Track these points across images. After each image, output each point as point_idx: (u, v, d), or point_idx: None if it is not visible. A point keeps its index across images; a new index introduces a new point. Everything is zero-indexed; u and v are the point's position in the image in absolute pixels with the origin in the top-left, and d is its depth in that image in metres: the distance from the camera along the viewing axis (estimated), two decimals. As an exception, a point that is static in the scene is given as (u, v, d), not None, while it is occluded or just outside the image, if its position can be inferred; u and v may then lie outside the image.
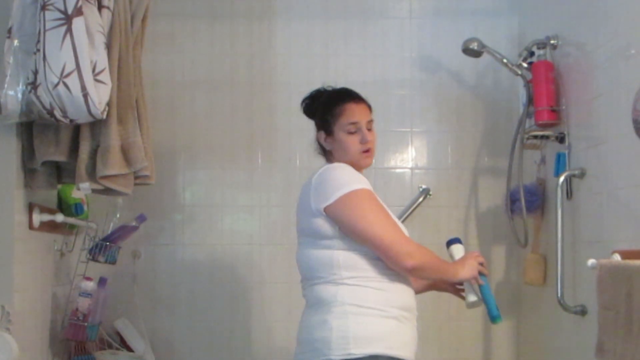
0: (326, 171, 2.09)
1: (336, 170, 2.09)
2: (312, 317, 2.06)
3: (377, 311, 2.00)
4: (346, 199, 2.01)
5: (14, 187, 2.25)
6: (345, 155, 2.14)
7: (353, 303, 2.00)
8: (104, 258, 2.65)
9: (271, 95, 3.15)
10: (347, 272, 2.02)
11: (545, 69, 2.68)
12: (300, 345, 2.09)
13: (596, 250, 2.30)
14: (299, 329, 2.12)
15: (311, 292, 2.09)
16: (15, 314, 2.17)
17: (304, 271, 2.13)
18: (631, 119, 2.09)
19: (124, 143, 2.31)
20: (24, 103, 2.11)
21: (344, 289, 2.02)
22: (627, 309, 1.90)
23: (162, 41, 3.11)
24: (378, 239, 1.99)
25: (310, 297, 2.09)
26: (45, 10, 2.03)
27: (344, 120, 2.13)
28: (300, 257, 2.15)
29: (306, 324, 2.08)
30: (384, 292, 2.03)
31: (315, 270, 2.07)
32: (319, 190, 2.05)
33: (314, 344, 2.01)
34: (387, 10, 3.21)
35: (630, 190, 2.17)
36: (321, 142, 2.19)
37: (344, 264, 2.03)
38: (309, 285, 2.10)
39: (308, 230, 2.09)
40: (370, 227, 2.00)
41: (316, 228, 2.05)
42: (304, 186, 2.13)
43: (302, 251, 2.14)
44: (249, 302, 3.10)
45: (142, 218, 2.71)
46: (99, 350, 2.75)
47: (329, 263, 2.04)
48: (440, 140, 3.18)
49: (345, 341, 1.96)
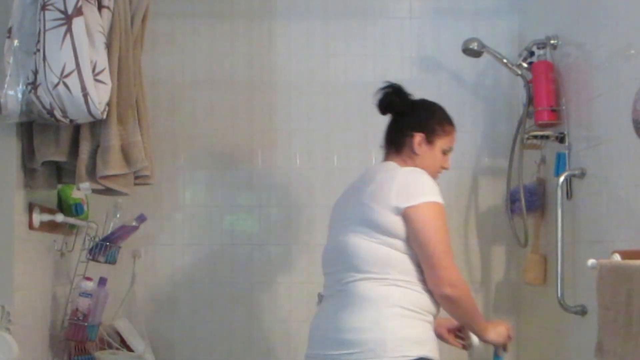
0: (415, 173, 2.12)
1: (424, 176, 2.12)
2: (357, 316, 2.00)
3: (420, 315, 2.03)
4: (429, 207, 2.05)
5: (14, 187, 2.25)
6: (427, 166, 2.19)
7: (403, 306, 2.00)
8: (104, 258, 2.65)
9: (271, 95, 3.15)
10: (399, 274, 2.03)
11: (545, 69, 2.68)
12: (344, 345, 1.99)
13: (596, 250, 2.30)
14: (335, 328, 2.03)
15: (355, 288, 2.03)
16: (15, 314, 2.17)
17: (351, 260, 2.07)
18: (631, 119, 2.09)
19: (124, 143, 2.31)
20: (24, 103, 2.11)
21: (395, 291, 2.02)
22: (627, 309, 1.90)
23: (162, 41, 3.12)
24: (437, 256, 2.02)
25: (353, 294, 2.04)
26: (45, 10, 2.03)
27: (448, 141, 2.26)
28: (348, 245, 2.08)
29: (351, 324, 2.00)
30: (424, 297, 2.06)
31: (366, 263, 2.04)
32: (406, 189, 2.06)
33: (366, 345, 1.96)
34: (387, 10, 3.21)
35: (630, 190, 2.17)
36: (415, 143, 2.21)
37: (398, 265, 2.04)
38: (351, 278, 2.05)
39: (372, 222, 2.05)
40: (438, 243, 2.03)
41: (387, 223, 2.04)
42: (382, 178, 2.12)
43: (352, 240, 2.08)
44: (249, 302, 3.10)
45: (142, 218, 2.71)
46: (99, 350, 2.75)
47: (384, 261, 2.04)
48: (440, 140, 3.17)
49: (400, 343, 1.96)
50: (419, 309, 2.03)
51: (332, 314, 2.07)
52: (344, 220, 2.15)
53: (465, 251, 3.13)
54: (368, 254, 2.05)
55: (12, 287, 2.20)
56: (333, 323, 2.04)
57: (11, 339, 2.08)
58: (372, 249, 2.05)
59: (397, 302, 2.00)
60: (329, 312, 2.09)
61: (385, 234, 2.04)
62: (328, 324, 2.06)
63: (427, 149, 2.22)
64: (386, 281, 2.02)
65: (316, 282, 3.09)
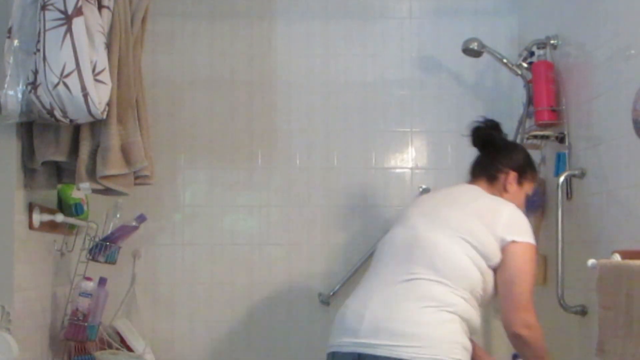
0: (520, 212, 2.22)
1: (525, 218, 2.21)
2: (422, 312, 2.00)
3: (468, 330, 2.08)
4: (528, 248, 2.14)
5: (14, 187, 2.25)
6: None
7: (463, 317, 2.04)
8: (104, 258, 2.65)
9: (271, 95, 3.15)
10: (469, 291, 2.08)
11: (545, 69, 2.68)
12: (403, 337, 1.96)
13: (596, 250, 2.30)
14: (394, 318, 2.00)
15: (426, 287, 2.04)
16: (15, 314, 2.17)
17: (434, 260, 2.08)
18: (631, 119, 2.09)
19: (124, 143, 2.31)
20: (24, 103, 2.11)
21: (461, 302, 2.05)
22: (627, 309, 1.90)
23: (162, 41, 3.12)
24: (523, 298, 2.11)
25: (422, 291, 2.04)
26: (45, 10, 2.03)
27: (532, 187, 2.39)
28: (438, 245, 2.11)
29: (414, 317, 2.00)
30: (476, 318, 2.12)
31: (449, 270, 2.07)
32: (513, 223, 2.16)
33: (425, 341, 1.96)
34: (387, 10, 3.21)
35: (630, 190, 2.17)
36: (509, 180, 2.32)
37: (473, 283, 2.09)
38: (425, 276, 2.06)
39: (475, 238, 2.11)
40: (528, 285, 2.12)
41: (486, 244, 2.11)
42: (488, 203, 2.21)
43: (448, 244, 2.11)
44: (249, 302, 3.10)
45: (142, 218, 2.71)
46: (99, 350, 2.75)
47: (465, 275, 2.08)
48: (440, 140, 3.17)
49: (455, 346, 1.99)
50: (469, 325, 2.08)
51: (393, 303, 2.04)
52: (439, 222, 2.17)
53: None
54: (456, 263, 2.09)
55: (12, 287, 2.20)
56: (392, 313, 2.02)
57: (11, 339, 2.08)
58: (461, 260, 2.09)
59: (459, 312, 2.04)
60: (388, 301, 2.05)
61: (479, 253, 2.10)
62: (385, 313, 2.03)
63: (517, 188, 2.33)
64: (457, 292, 2.06)
65: (316, 282, 3.11)
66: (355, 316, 2.07)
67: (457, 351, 1.98)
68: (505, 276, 2.12)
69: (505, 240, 2.12)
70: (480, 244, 2.11)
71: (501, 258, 2.13)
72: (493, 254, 2.11)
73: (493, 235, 2.12)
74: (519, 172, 2.34)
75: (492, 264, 2.12)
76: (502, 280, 2.13)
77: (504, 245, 2.12)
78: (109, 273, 2.71)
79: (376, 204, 3.13)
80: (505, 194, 2.32)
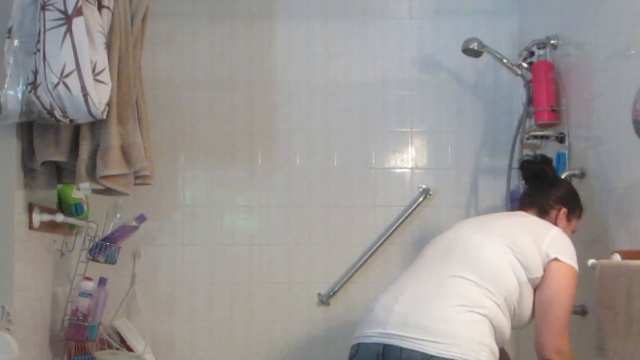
0: (567, 237, 2.20)
1: (572, 246, 2.18)
2: (454, 310, 1.98)
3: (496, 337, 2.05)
4: (573, 272, 2.12)
5: (14, 187, 2.25)
6: None
7: (493, 323, 2.02)
8: (104, 258, 2.65)
9: (271, 95, 3.15)
10: (504, 300, 2.05)
11: (545, 69, 2.68)
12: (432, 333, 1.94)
13: (596, 250, 2.31)
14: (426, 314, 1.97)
15: (465, 287, 2.03)
16: (15, 314, 2.17)
17: (478, 263, 2.07)
18: (631, 119, 2.09)
19: (124, 143, 2.30)
20: (24, 103, 2.11)
21: (496, 308, 2.03)
22: (627, 309, 1.90)
23: (162, 41, 3.11)
24: (560, 322, 2.09)
25: (459, 291, 2.02)
26: (45, 10, 2.03)
27: (578, 224, 2.37)
28: (484, 249, 2.10)
29: (446, 315, 1.97)
30: (507, 329, 2.09)
31: (489, 276, 2.05)
32: (560, 242, 2.15)
33: (454, 339, 1.94)
34: (387, 10, 3.21)
35: (630, 190, 2.17)
36: (560, 215, 2.31)
37: (510, 293, 2.07)
38: (465, 277, 2.04)
39: (518, 248, 2.10)
40: (567, 310, 2.10)
41: (529, 255, 2.10)
42: (538, 222, 2.23)
43: (493, 250, 2.10)
44: (249, 302, 3.10)
45: (142, 218, 2.71)
46: (99, 350, 2.75)
47: (504, 283, 2.06)
48: (440, 140, 3.17)
49: (483, 347, 1.97)
50: (498, 333, 2.05)
51: (424, 299, 2.02)
52: (486, 228, 2.19)
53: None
54: (495, 266, 2.07)
55: (12, 287, 2.20)
56: (423, 308, 2.00)
57: (11, 339, 2.08)
58: (501, 265, 2.08)
59: (490, 316, 2.02)
60: (420, 297, 2.03)
61: (521, 263, 2.09)
62: (415, 308, 2.00)
63: (566, 224, 2.32)
64: (492, 296, 2.04)
65: (316, 282, 3.11)
66: (384, 309, 2.05)
67: (485, 354, 1.95)
68: (544, 296, 2.10)
69: (550, 256, 2.10)
70: (523, 255, 2.09)
71: (542, 275, 2.10)
72: (535, 267, 2.09)
73: (538, 248, 2.11)
74: (569, 209, 2.33)
75: (532, 277, 2.09)
76: (540, 299, 2.10)
77: (547, 262, 2.10)
78: (109, 273, 2.71)
79: (376, 204, 3.13)
80: (552, 222, 2.30)
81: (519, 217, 2.26)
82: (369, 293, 3.02)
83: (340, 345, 3.02)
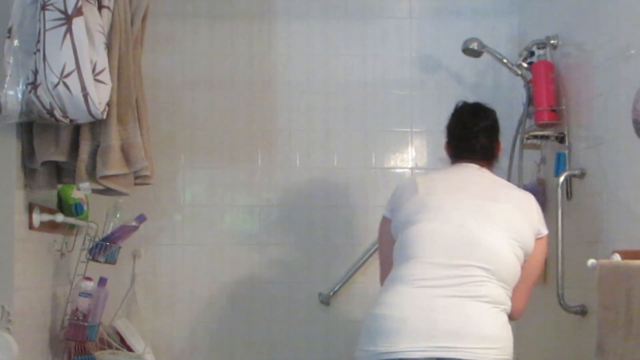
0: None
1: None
2: (494, 314, 2.01)
3: None
4: (547, 240, 2.22)
5: (14, 187, 2.25)
6: None
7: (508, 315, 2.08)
8: (104, 258, 2.65)
9: (271, 95, 3.15)
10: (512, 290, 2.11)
11: (545, 69, 2.68)
12: (484, 340, 1.94)
13: (596, 250, 2.30)
14: (468, 321, 1.96)
15: (491, 291, 2.02)
16: (15, 314, 2.17)
17: (495, 264, 2.04)
18: (631, 119, 2.09)
19: (124, 143, 2.30)
20: (24, 103, 2.11)
21: (509, 302, 2.08)
22: (627, 309, 1.90)
23: (162, 41, 3.12)
24: (533, 286, 2.20)
25: (487, 295, 2.01)
26: (45, 10, 2.03)
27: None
28: (494, 247, 2.05)
29: (490, 320, 2.00)
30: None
31: (506, 273, 2.07)
32: (540, 213, 2.19)
33: (502, 343, 1.99)
34: (387, 10, 3.21)
35: (630, 190, 2.17)
36: (500, 150, 2.37)
37: (517, 281, 2.12)
38: (486, 279, 2.02)
39: (521, 238, 2.11)
40: (538, 274, 2.24)
41: (529, 240, 2.13)
42: (515, 193, 2.21)
43: (502, 245, 2.07)
44: (249, 302, 3.10)
45: (142, 218, 2.71)
46: (99, 350, 2.75)
47: (515, 275, 2.10)
48: (440, 140, 3.15)
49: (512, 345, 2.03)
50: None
51: (461, 306, 1.98)
52: (489, 221, 2.09)
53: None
54: (510, 266, 2.09)
55: (12, 287, 2.20)
56: (465, 315, 1.97)
57: (11, 339, 2.08)
58: (513, 262, 2.10)
59: (508, 310, 2.09)
60: (456, 303, 1.98)
61: (523, 251, 2.12)
62: (457, 315, 1.96)
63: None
64: (509, 292, 2.09)
65: (316, 282, 3.11)
66: (421, 319, 1.96)
67: (512, 350, 2.03)
68: (531, 267, 2.16)
69: (541, 233, 2.17)
70: (524, 242, 2.12)
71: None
72: (530, 247, 2.14)
73: (531, 227, 2.14)
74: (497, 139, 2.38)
75: (528, 256, 2.15)
76: (527, 271, 2.14)
77: (537, 238, 2.16)
78: (109, 273, 2.71)
79: (376, 204, 3.13)
80: (496, 161, 2.37)
81: (503, 191, 2.19)
82: (369, 293, 3.01)
83: (340, 345, 3.03)
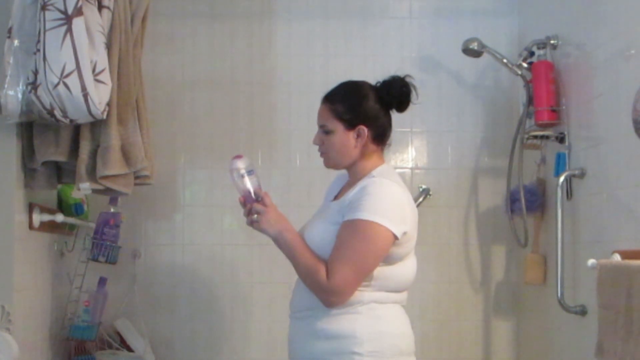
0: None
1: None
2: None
3: None
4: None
5: (14, 187, 2.25)
6: None
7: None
8: (104, 258, 2.65)
9: (271, 95, 3.15)
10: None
11: (545, 69, 2.68)
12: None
13: (596, 250, 2.30)
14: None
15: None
16: (15, 314, 2.17)
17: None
18: (631, 119, 2.09)
19: (124, 143, 2.31)
20: (24, 103, 2.11)
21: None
22: (627, 309, 1.90)
23: (162, 41, 3.12)
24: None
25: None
26: (45, 10, 2.03)
27: None
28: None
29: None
30: None
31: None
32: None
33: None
34: (387, 10, 3.21)
35: (630, 190, 2.17)
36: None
37: None
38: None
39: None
40: None
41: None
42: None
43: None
44: (249, 302, 3.10)
45: (114, 200, 2.66)
46: (99, 350, 2.76)
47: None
48: (440, 140, 3.17)
49: None
50: None
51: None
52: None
53: (465, 251, 3.13)
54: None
55: (12, 287, 2.20)
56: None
57: (11, 339, 2.08)
58: None
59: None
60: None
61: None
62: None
63: None
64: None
65: (316, 282, 3.10)
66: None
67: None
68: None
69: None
70: None
71: None
72: None
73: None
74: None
75: None
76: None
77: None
78: (109, 273, 2.71)
79: (376, 204, 3.13)
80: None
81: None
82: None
83: (340, 345, 3.02)
